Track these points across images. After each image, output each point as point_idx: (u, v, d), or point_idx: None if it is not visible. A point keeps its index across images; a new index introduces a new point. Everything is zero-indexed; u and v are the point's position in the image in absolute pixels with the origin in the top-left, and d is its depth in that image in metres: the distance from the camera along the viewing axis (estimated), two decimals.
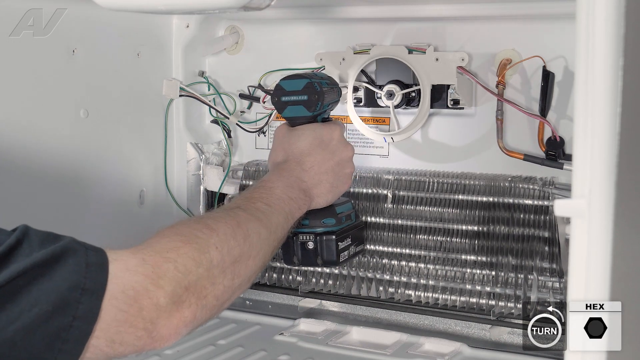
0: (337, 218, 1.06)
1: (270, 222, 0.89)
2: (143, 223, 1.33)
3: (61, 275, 0.66)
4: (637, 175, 0.69)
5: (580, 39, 0.59)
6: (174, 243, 0.76)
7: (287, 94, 1.04)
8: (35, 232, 0.70)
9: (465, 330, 1.23)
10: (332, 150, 1.03)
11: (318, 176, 1.01)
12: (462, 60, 1.15)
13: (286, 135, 1.04)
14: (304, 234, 1.04)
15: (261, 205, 0.90)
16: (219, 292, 0.78)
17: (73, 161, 1.18)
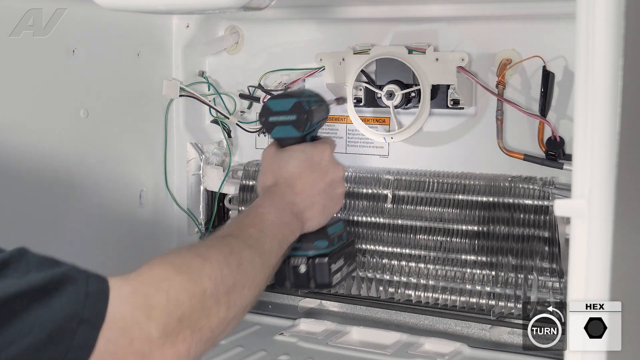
0: (329, 240, 1.03)
1: (263, 249, 0.87)
2: (143, 223, 1.33)
3: (59, 304, 0.64)
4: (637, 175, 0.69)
5: (580, 39, 0.59)
6: (166, 273, 0.73)
7: (275, 114, 1.01)
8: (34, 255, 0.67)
9: (465, 330, 1.23)
10: (323, 171, 1.01)
11: (310, 199, 0.98)
12: (462, 60, 1.15)
13: (275, 157, 1.01)
14: (296, 258, 1.01)
15: (254, 231, 0.87)
16: (214, 324, 0.75)
17: (73, 161, 1.18)
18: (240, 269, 0.80)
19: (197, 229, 1.39)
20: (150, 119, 1.34)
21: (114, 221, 1.27)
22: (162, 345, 0.69)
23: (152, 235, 1.36)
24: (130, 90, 1.28)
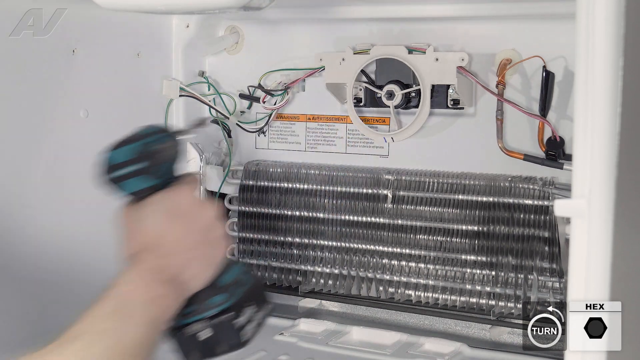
0: (227, 291, 0.83)
1: (125, 344, 0.70)
2: None
3: None
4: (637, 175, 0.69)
5: (580, 39, 0.59)
6: None
7: (121, 166, 0.81)
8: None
9: (465, 330, 1.23)
10: (188, 218, 0.81)
11: (185, 256, 0.79)
12: (462, 60, 1.15)
13: (132, 220, 0.82)
14: (192, 325, 0.81)
15: (111, 323, 0.70)
16: None
17: (73, 161, 1.18)
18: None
19: None
20: (150, 119, 1.34)
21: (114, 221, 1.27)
22: None
23: None
24: (130, 90, 1.28)
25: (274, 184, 1.30)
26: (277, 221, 1.30)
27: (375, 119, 1.26)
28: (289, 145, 1.34)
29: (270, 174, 1.31)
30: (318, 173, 1.28)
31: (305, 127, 1.32)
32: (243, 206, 1.32)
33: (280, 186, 1.30)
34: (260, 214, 1.31)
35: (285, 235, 1.30)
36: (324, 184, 1.27)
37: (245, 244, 1.33)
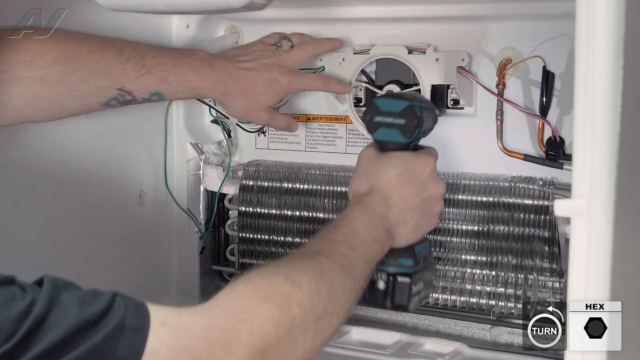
0: (415, 259, 0.94)
1: (355, 271, 0.79)
2: (143, 223, 1.33)
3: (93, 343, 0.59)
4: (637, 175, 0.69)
5: (580, 39, 0.60)
6: (250, 300, 0.67)
7: (382, 114, 0.93)
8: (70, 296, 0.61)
9: (465, 330, 1.23)
10: (423, 185, 0.92)
11: (403, 214, 0.90)
12: (462, 60, 1.15)
13: (374, 162, 0.93)
14: (376, 272, 0.92)
15: (345, 249, 0.80)
16: (299, 355, 0.69)
17: (73, 161, 1.18)
18: (331, 294, 0.74)
19: (197, 229, 1.39)
20: (150, 119, 1.34)
21: (114, 221, 1.27)
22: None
23: (152, 235, 1.36)
24: None
25: (274, 184, 1.30)
26: (277, 221, 1.30)
27: None
28: (289, 145, 1.34)
29: (270, 174, 1.31)
30: (318, 173, 1.28)
31: (305, 127, 1.32)
32: (243, 206, 1.32)
33: (280, 186, 1.30)
34: (260, 214, 1.31)
35: (285, 235, 1.30)
36: (324, 184, 1.27)
37: (245, 244, 1.33)
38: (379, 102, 0.95)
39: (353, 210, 0.88)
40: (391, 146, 0.94)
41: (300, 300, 0.70)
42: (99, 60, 0.97)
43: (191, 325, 0.63)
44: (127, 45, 1.00)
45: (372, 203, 0.89)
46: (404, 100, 0.95)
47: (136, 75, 1.00)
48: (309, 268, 0.74)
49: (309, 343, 0.70)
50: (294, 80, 1.09)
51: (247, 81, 1.06)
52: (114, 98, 1.01)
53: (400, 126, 0.93)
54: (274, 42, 1.13)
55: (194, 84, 1.03)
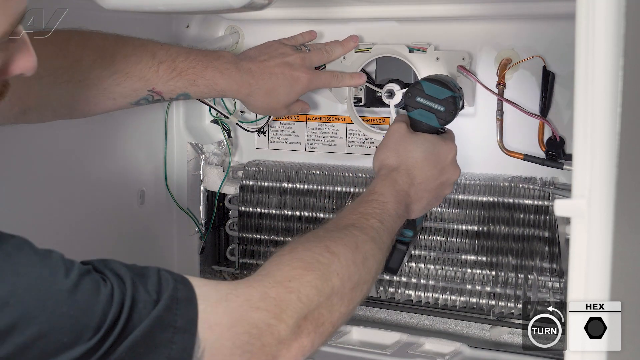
0: (415, 231, 1.03)
1: (383, 242, 0.86)
2: (143, 223, 1.33)
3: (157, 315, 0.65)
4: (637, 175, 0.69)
5: (580, 39, 0.59)
6: (296, 271, 0.74)
7: (425, 97, 0.99)
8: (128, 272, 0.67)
9: (465, 330, 1.23)
10: (443, 169, 0.99)
11: (422, 193, 0.97)
12: (462, 60, 1.15)
13: (404, 138, 0.99)
14: None
15: (375, 222, 0.87)
16: (335, 319, 0.76)
17: (73, 161, 1.18)
18: (365, 264, 0.80)
19: (197, 229, 1.39)
20: (150, 119, 1.34)
21: (114, 221, 1.27)
22: (289, 342, 0.71)
23: (152, 235, 1.36)
24: None
25: (274, 184, 1.30)
26: (277, 221, 1.30)
27: (375, 118, 1.26)
28: (289, 145, 1.34)
29: (270, 174, 1.31)
30: (318, 173, 1.28)
31: (305, 127, 1.32)
32: (243, 206, 1.32)
33: (280, 186, 1.30)
34: (260, 214, 1.31)
35: (285, 235, 1.30)
36: (324, 184, 1.27)
37: (245, 244, 1.33)
38: (425, 84, 1.00)
39: (382, 186, 0.94)
40: (423, 127, 1.00)
41: (339, 270, 0.77)
42: (133, 64, 1.00)
43: (248, 297, 0.70)
44: (160, 47, 1.04)
45: (399, 180, 0.95)
46: (449, 90, 1.00)
47: (167, 78, 1.03)
48: (346, 240, 0.81)
49: (344, 309, 0.77)
50: (313, 78, 1.12)
51: (271, 82, 1.10)
52: (144, 98, 1.04)
53: (439, 112, 0.99)
54: (294, 45, 1.16)
55: (220, 86, 1.07)
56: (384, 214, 0.89)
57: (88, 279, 0.63)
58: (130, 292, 0.65)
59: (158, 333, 0.65)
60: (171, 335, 0.65)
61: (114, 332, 0.62)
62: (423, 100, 0.99)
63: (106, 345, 0.62)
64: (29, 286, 0.60)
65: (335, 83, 1.16)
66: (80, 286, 0.62)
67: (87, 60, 0.98)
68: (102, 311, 0.62)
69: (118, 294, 0.64)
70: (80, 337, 0.61)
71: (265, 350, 0.69)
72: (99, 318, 0.62)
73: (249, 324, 0.69)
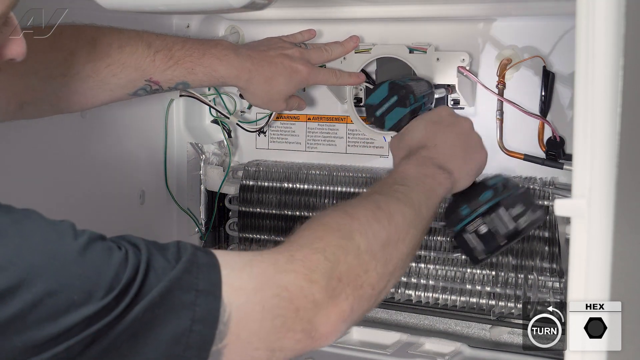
0: (494, 189, 0.95)
1: (412, 200, 0.84)
2: (143, 223, 1.33)
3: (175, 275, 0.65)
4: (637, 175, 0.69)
5: (580, 39, 0.59)
6: (318, 233, 0.74)
7: (378, 106, 1.00)
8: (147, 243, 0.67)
9: (465, 330, 1.23)
10: (448, 124, 0.97)
11: (447, 150, 0.94)
12: (462, 60, 1.15)
13: (400, 139, 0.99)
14: (470, 224, 0.94)
15: (397, 187, 0.85)
16: (374, 280, 0.74)
17: (73, 161, 1.18)
18: (392, 222, 0.79)
19: (197, 229, 1.39)
20: (150, 119, 1.34)
21: (114, 221, 1.27)
22: (326, 307, 0.69)
23: (152, 235, 1.34)
24: None
25: (274, 184, 1.30)
26: (277, 221, 1.30)
27: None
28: (289, 145, 1.34)
29: (270, 174, 1.31)
30: (318, 173, 1.28)
31: (306, 127, 1.32)
32: (243, 206, 1.32)
33: (280, 186, 1.30)
34: (260, 214, 1.31)
35: (286, 236, 1.29)
36: (324, 184, 1.27)
37: (245, 244, 1.33)
38: (370, 100, 1.02)
39: (398, 164, 0.94)
40: (403, 122, 1.00)
41: (360, 229, 0.76)
42: (128, 54, 1.00)
43: (274, 261, 0.69)
44: (155, 37, 1.03)
45: (415, 154, 0.94)
46: (382, 82, 1.01)
47: (164, 67, 1.03)
48: (364, 203, 0.81)
49: (381, 269, 0.76)
50: (312, 73, 1.12)
51: (271, 70, 1.09)
52: (142, 88, 1.04)
53: (397, 102, 0.99)
54: (293, 42, 1.16)
55: (219, 73, 1.06)
56: (406, 179, 0.87)
57: (99, 243, 0.64)
58: (145, 257, 0.64)
59: (178, 294, 0.64)
60: (193, 297, 0.64)
61: (130, 292, 0.62)
62: (379, 110, 1.00)
63: (122, 305, 0.61)
64: (34, 247, 0.61)
65: (334, 81, 1.16)
66: (90, 248, 0.63)
67: (81, 53, 0.97)
68: (114, 272, 0.62)
69: (133, 258, 0.64)
70: (92, 296, 0.61)
71: (300, 314, 0.68)
72: (111, 278, 0.61)
73: (277, 286, 0.67)
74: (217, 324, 0.65)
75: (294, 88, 1.12)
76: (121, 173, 1.28)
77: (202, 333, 0.64)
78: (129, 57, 1.00)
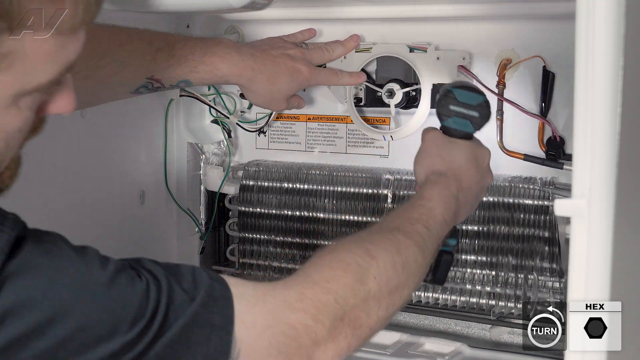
0: (457, 239, 1.00)
1: (428, 249, 0.84)
2: (143, 223, 1.33)
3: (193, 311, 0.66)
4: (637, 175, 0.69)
5: (580, 39, 0.59)
6: (334, 272, 0.74)
7: (459, 104, 0.96)
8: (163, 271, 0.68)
9: (465, 330, 1.23)
10: (483, 173, 0.97)
11: (468, 197, 0.94)
12: (463, 59, 1.15)
13: (444, 145, 0.96)
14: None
15: (421, 228, 0.85)
16: (373, 323, 0.76)
17: (73, 161, 1.18)
18: (405, 270, 0.79)
19: (197, 229, 1.39)
20: (150, 118, 1.34)
21: (114, 221, 1.27)
22: (325, 343, 0.71)
23: (152, 235, 1.36)
24: None
25: (274, 184, 1.30)
26: (277, 221, 1.30)
27: (375, 118, 1.26)
28: (289, 145, 1.34)
29: (270, 174, 1.31)
30: (318, 173, 1.28)
31: (306, 127, 1.32)
32: (243, 206, 1.32)
33: (280, 186, 1.30)
34: (260, 214, 1.31)
35: (285, 235, 1.30)
36: (324, 184, 1.27)
37: (245, 244, 1.33)
38: (456, 92, 0.97)
39: (431, 190, 0.91)
40: (458, 134, 0.97)
41: (377, 274, 0.76)
42: (129, 52, 0.99)
43: (285, 298, 0.70)
44: (156, 35, 1.02)
45: (449, 185, 0.92)
46: (480, 94, 0.97)
47: (165, 65, 1.02)
48: (387, 244, 0.80)
49: (382, 313, 0.76)
50: (313, 73, 1.12)
51: (274, 69, 1.09)
52: (143, 86, 1.03)
53: (474, 118, 0.96)
54: (294, 41, 1.15)
55: (222, 72, 1.06)
56: (430, 220, 0.86)
57: (124, 274, 0.64)
58: (166, 289, 0.65)
59: (195, 330, 0.65)
60: (208, 332, 0.66)
61: (152, 328, 0.63)
62: (457, 107, 0.96)
63: (144, 341, 0.62)
64: (66, 280, 0.61)
65: (334, 81, 1.16)
66: (116, 280, 0.63)
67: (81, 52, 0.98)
68: (138, 305, 0.63)
69: (154, 290, 0.64)
70: (117, 330, 0.61)
71: (301, 351, 0.70)
72: (135, 311, 0.62)
73: (285, 324, 0.69)
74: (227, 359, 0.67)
75: (296, 88, 1.12)
76: (121, 173, 1.28)
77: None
78: (130, 56, 0.99)
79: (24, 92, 0.61)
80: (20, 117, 0.63)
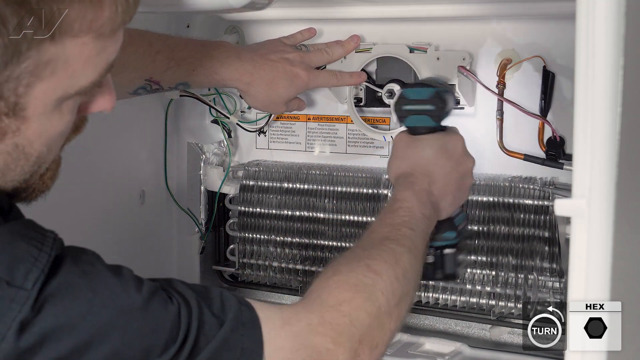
0: (457, 231, 0.99)
1: (418, 250, 0.85)
2: (143, 223, 1.33)
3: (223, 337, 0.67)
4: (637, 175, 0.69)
5: (580, 39, 0.59)
6: (345, 294, 0.75)
7: (411, 102, 0.97)
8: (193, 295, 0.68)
9: (465, 330, 1.23)
10: (457, 161, 0.97)
11: (444, 188, 0.94)
12: (463, 60, 1.15)
13: (410, 145, 0.97)
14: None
15: (407, 231, 0.86)
16: (387, 338, 0.77)
17: (73, 161, 1.17)
18: (405, 278, 0.80)
19: (197, 229, 1.39)
20: (150, 118, 1.34)
21: (115, 221, 1.27)
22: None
23: (152, 235, 1.36)
24: None
25: (274, 184, 1.30)
26: (277, 221, 1.30)
27: (375, 118, 1.26)
28: (289, 145, 1.34)
29: (270, 174, 1.31)
30: (318, 173, 1.28)
31: (306, 127, 1.32)
32: (243, 206, 1.32)
33: (280, 186, 1.30)
34: (260, 214, 1.31)
35: (285, 235, 1.30)
36: (324, 184, 1.27)
37: (246, 244, 1.33)
38: (406, 92, 0.99)
39: (403, 192, 0.92)
40: (422, 130, 0.98)
41: (384, 289, 0.77)
42: (130, 54, 0.99)
43: (309, 322, 0.71)
44: (156, 37, 1.03)
45: (417, 182, 0.93)
46: (430, 87, 0.98)
47: (165, 67, 1.03)
48: (385, 256, 0.80)
49: (393, 325, 0.77)
50: (312, 77, 1.13)
51: (272, 74, 1.09)
52: (142, 87, 1.04)
53: (430, 112, 0.97)
54: (293, 44, 1.15)
55: (220, 76, 1.07)
56: (412, 220, 0.87)
57: (157, 297, 0.65)
58: (196, 313, 0.66)
59: (225, 354, 0.66)
60: (239, 355, 0.67)
61: (183, 352, 0.64)
62: (410, 106, 0.97)
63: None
64: (104, 303, 0.62)
65: (334, 82, 1.16)
66: (150, 303, 0.64)
67: None
68: (169, 330, 0.64)
69: (185, 315, 0.65)
70: (150, 355, 0.62)
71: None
72: (167, 335, 0.63)
73: (311, 348, 0.70)
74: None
75: (295, 92, 1.12)
76: (121, 173, 1.28)
77: None
78: (130, 57, 1.00)
79: (66, 97, 0.62)
80: (62, 121, 0.64)
